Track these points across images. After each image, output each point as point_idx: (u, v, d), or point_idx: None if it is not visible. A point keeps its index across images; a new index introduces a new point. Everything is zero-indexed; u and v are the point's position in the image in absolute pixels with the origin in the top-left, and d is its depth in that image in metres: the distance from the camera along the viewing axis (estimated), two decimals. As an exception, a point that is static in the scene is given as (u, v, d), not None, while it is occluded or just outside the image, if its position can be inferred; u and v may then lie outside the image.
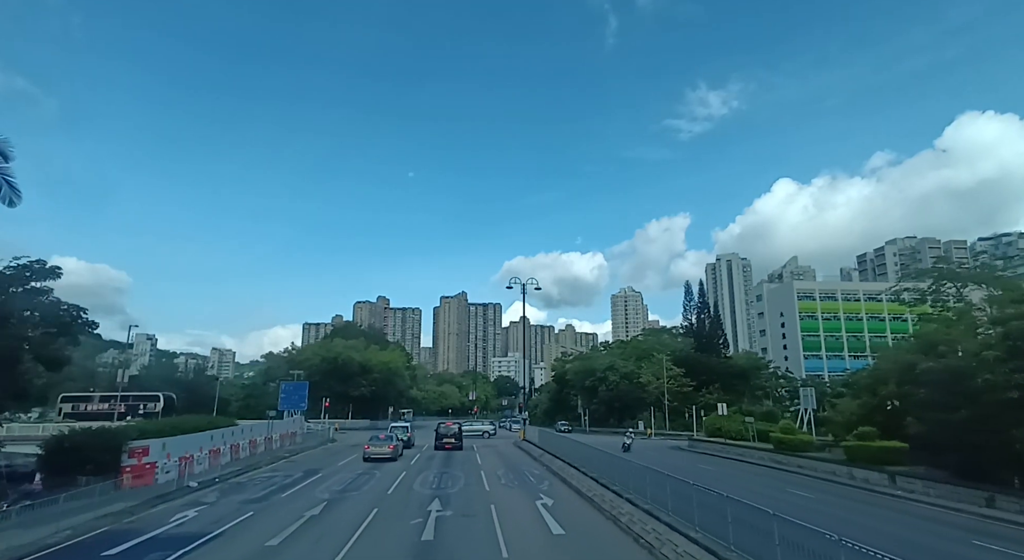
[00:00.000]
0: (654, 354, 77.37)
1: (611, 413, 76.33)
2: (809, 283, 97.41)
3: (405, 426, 40.60)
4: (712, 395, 71.52)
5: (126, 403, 57.35)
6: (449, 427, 39.57)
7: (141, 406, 56.92)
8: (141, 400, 59.95)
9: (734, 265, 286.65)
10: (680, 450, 43.67)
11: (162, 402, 58.60)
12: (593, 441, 44.51)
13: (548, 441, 35.96)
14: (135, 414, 55.39)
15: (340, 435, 57.02)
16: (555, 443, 33.51)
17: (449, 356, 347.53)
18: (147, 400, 60.10)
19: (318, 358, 74.26)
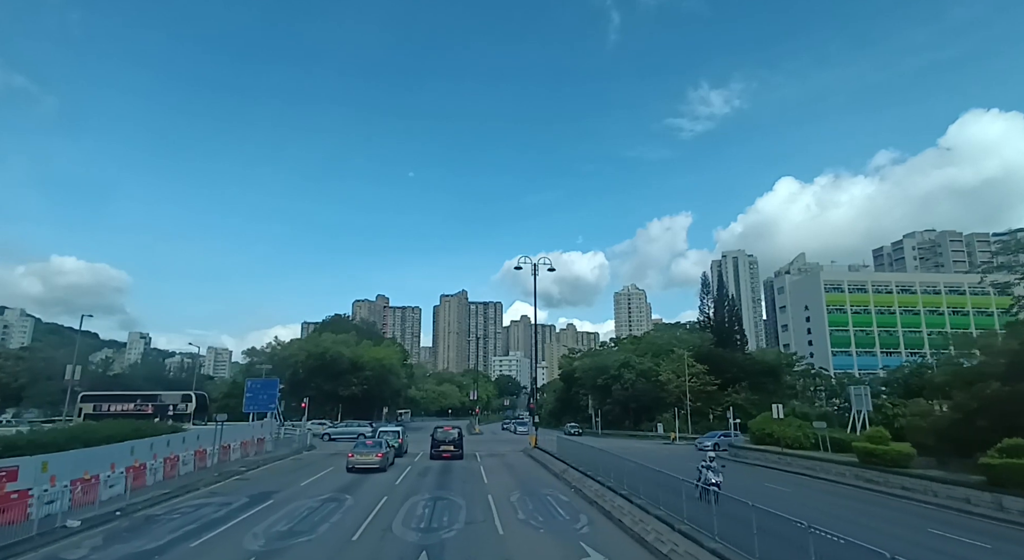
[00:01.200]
0: (673, 350, 70.62)
1: (626, 414, 69.64)
2: (837, 273, 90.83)
3: (396, 430, 33.93)
4: (739, 394, 64.82)
5: (154, 403, 52.25)
6: (447, 432, 32.90)
7: (171, 407, 52.48)
8: (171, 400, 54.76)
9: (741, 262, 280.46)
10: (725, 459, 36.82)
11: (194, 402, 53.20)
12: (618, 448, 37.78)
13: (569, 451, 29.19)
14: (164, 415, 50.30)
15: (326, 441, 50.35)
16: (580, 455, 26.75)
17: (449, 355, 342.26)
18: (177, 400, 54.79)
19: (304, 354, 67.47)
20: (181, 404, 53.67)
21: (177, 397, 55.46)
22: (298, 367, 66.37)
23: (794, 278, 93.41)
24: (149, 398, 54.99)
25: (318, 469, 27.45)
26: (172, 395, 56.53)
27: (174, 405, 53.36)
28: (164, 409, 52.77)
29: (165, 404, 53.73)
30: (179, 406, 53.38)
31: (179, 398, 54.97)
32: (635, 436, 65.81)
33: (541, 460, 30.86)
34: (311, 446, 39.89)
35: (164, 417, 51.66)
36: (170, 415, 51.62)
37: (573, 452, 27.71)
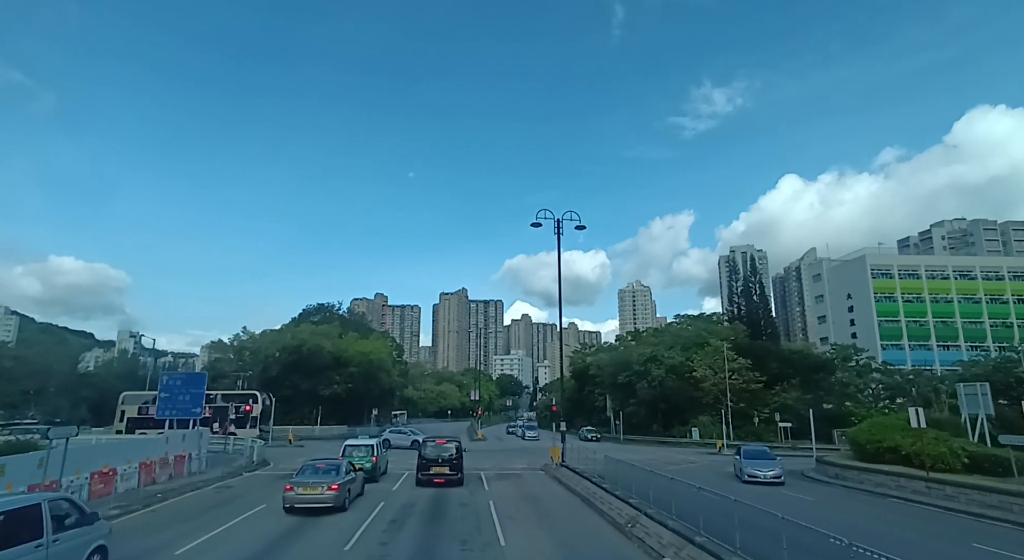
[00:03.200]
0: (706, 342, 60.80)
1: (654, 417, 59.83)
2: (885, 257, 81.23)
3: (369, 444, 24.15)
4: (788, 393, 55.03)
5: (212, 404, 45.01)
6: (440, 447, 23.10)
7: (231, 408, 46.15)
8: (232, 400, 46.50)
9: (749, 258, 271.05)
10: (822, 482, 26.89)
11: (260, 404, 45.36)
12: (665, 463, 28.29)
13: (627, 478, 18.95)
14: (224, 419, 45.22)
15: (289, 451, 40.56)
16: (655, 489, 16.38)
17: (449, 354, 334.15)
18: (240, 400, 46.72)
19: (275, 347, 57.64)
20: (243, 405, 46.01)
21: (239, 397, 47.50)
22: (269, 363, 56.56)
23: (833, 263, 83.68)
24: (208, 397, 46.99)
25: (243, 507, 17.69)
26: (233, 395, 48.39)
27: (236, 406, 45.89)
28: (223, 412, 45.56)
29: (224, 406, 46.11)
30: (242, 408, 45.85)
31: (241, 398, 47.04)
32: (666, 443, 56.00)
33: (579, 490, 20.98)
34: (259, 463, 30.10)
35: (225, 421, 44.93)
36: (232, 418, 45.27)
37: (638, 482, 17.77)
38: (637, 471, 18.49)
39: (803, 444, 52.92)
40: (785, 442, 53.10)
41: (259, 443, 33.42)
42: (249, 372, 57.74)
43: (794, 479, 28.42)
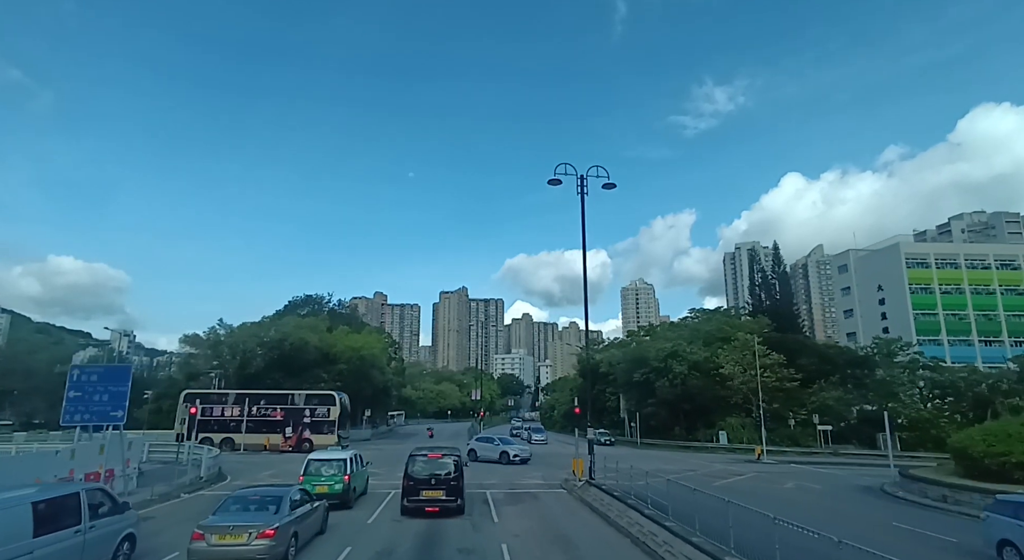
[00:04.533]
0: (731, 338, 54.97)
1: (675, 419, 53.99)
2: (920, 245, 75.50)
3: (341, 459, 18.33)
4: (827, 392, 49.24)
5: (283, 405, 41.61)
6: (434, 463, 17.16)
7: (307, 411, 41.30)
8: (308, 402, 42.25)
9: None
10: (921, 506, 20.74)
11: (337, 406, 41.21)
12: (702, 477, 22.71)
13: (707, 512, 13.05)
14: (298, 421, 40.68)
15: (260, 460, 34.81)
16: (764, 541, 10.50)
17: (449, 354, 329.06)
18: (316, 401, 42.00)
19: (254, 341, 51.76)
20: (321, 407, 40.92)
21: (316, 398, 42.10)
22: (247, 359, 50.76)
23: (860, 253, 77.85)
24: (277, 399, 42.51)
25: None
26: (312, 395, 43.03)
27: (312, 409, 41.16)
28: (299, 414, 41.10)
29: (300, 407, 41.43)
30: (319, 410, 41.08)
31: (318, 399, 41.77)
32: (690, 448, 50.20)
33: (626, 525, 14.97)
34: (211, 478, 24.26)
35: (299, 426, 40.48)
36: (307, 422, 40.65)
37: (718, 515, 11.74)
38: (714, 502, 12.62)
39: (844, 449, 47.19)
40: (825, 447, 47.35)
41: (213, 452, 27.60)
42: (227, 369, 51.90)
43: (874, 498, 22.64)
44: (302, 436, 40.03)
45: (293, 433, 40.27)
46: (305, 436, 39.98)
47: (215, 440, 38.63)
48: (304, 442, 39.33)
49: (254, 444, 39.46)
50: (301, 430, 40.33)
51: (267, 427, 40.75)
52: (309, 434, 40.12)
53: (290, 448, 39.08)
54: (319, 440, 38.80)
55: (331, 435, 39.79)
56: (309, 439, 39.52)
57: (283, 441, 40.02)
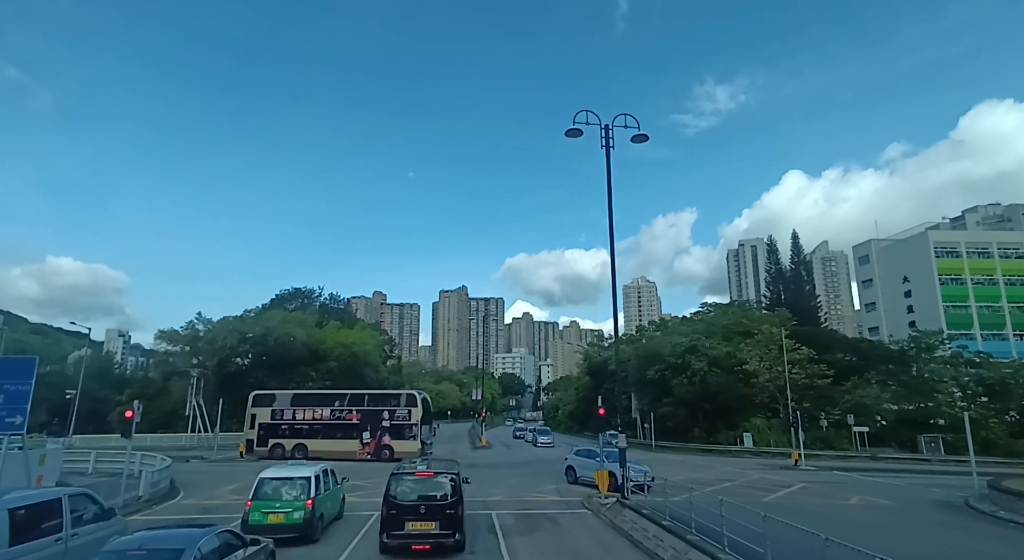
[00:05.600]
0: (752, 331, 50.65)
1: (694, 419, 49.65)
2: (950, 233, 71.28)
3: (303, 478, 13.96)
4: (863, 390, 44.96)
5: (360, 407, 36.20)
6: (424, 482, 12.79)
7: (385, 413, 35.66)
8: (386, 403, 36.64)
9: (760, 251, 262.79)
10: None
11: (419, 406, 35.49)
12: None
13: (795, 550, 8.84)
14: (377, 424, 35.23)
15: (234, 468, 30.60)
16: None
17: (449, 353, 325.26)
18: (395, 402, 36.45)
19: (235, 337, 47.40)
20: (402, 409, 35.69)
21: (395, 399, 37.32)
22: (226, 356, 46.44)
23: (883, 243, 73.57)
24: (352, 399, 37.28)
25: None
26: (388, 395, 38.60)
27: (391, 411, 35.70)
28: (375, 417, 35.54)
29: (378, 409, 35.98)
30: (398, 412, 35.53)
31: (398, 400, 36.79)
32: (712, 451, 45.88)
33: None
34: (156, 496, 19.92)
35: (378, 428, 35.14)
36: (385, 425, 35.11)
37: None
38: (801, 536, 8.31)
39: (883, 453, 42.88)
40: (862, 450, 43.09)
41: (164, 462, 23.36)
42: (206, 368, 47.60)
43: (966, 518, 18.35)
44: (381, 442, 34.90)
45: (371, 438, 35.08)
46: (384, 442, 34.86)
47: (286, 447, 34.77)
48: (383, 449, 34.47)
49: (328, 452, 33.48)
50: (380, 435, 35.14)
51: (342, 432, 35.55)
52: (389, 439, 34.99)
53: (368, 456, 34.16)
54: (400, 447, 33.96)
55: (413, 441, 34.45)
56: (389, 446, 34.54)
57: (360, 448, 34.91)
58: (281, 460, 33.08)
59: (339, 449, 34.14)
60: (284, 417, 36.36)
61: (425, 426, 35.89)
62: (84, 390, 58.63)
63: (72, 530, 9.19)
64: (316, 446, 34.76)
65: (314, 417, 36.23)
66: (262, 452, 34.87)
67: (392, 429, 35.17)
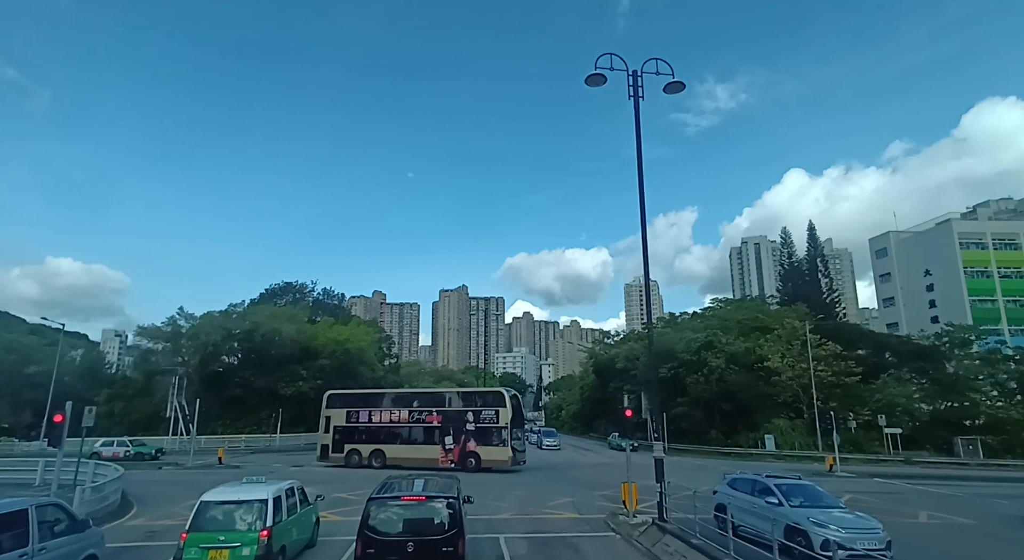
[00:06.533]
0: (775, 325, 47.54)
1: (711, 420, 46.52)
2: (975, 222, 68.21)
3: (260, 500, 10.82)
4: (895, 388, 41.81)
5: (440, 408, 31.95)
6: (413, 508, 9.77)
7: (469, 415, 30.95)
8: (470, 402, 32.06)
9: (763, 248, 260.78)
10: None
11: (508, 407, 30.20)
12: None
13: None
14: (459, 428, 30.61)
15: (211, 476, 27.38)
16: None
17: (449, 353, 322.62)
18: (480, 401, 31.80)
19: (220, 333, 44.21)
20: (487, 410, 30.85)
21: (478, 397, 33.15)
22: (209, 353, 43.30)
23: (902, 236, 70.45)
24: (432, 399, 33.81)
25: None
26: (474, 393, 34.60)
27: (475, 412, 30.98)
28: (459, 418, 31.01)
29: (461, 410, 31.52)
30: (484, 413, 30.74)
31: (482, 398, 32.40)
32: (732, 454, 42.75)
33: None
34: (104, 512, 16.72)
35: (461, 432, 30.55)
36: (469, 429, 30.39)
37: None
38: None
39: (918, 457, 39.69)
40: (894, 453, 39.93)
41: (115, 473, 20.20)
42: (188, 365, 44.48)
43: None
44: (465, 448, 30.35)
45: (455, 444, 30.60)
46: (469, 448, 30.27)
47: (363, 453, 31.53)
48: (468, 457, 30.03)
49: (408, 459, 30.31)
50: (464, 440, 30.60)
51: (423, 436, 31.53)
52: (474, 445, 30.33)
53: (451, 465, 29.80)
54: (488, 454, 29.77)
55: (502, 447, 29.66)
56: (475, 453, 30.09)
57: (442, 455, 30.55)
58: (358, 468, 30.38)
59: (419, 456, 30.44)
60: (360, 419, 32.64)
61: (516, 429, 30.89)
62: (73, 391, 55.66)
63: (39, 544, 8.39)
64: (395, 452, 31.16)
65: (391, 419, 32.32)
66: (337, 459, 31.85)
67: (477, 433, 30.42)
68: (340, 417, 32.86)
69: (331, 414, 33.07)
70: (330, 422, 32.80)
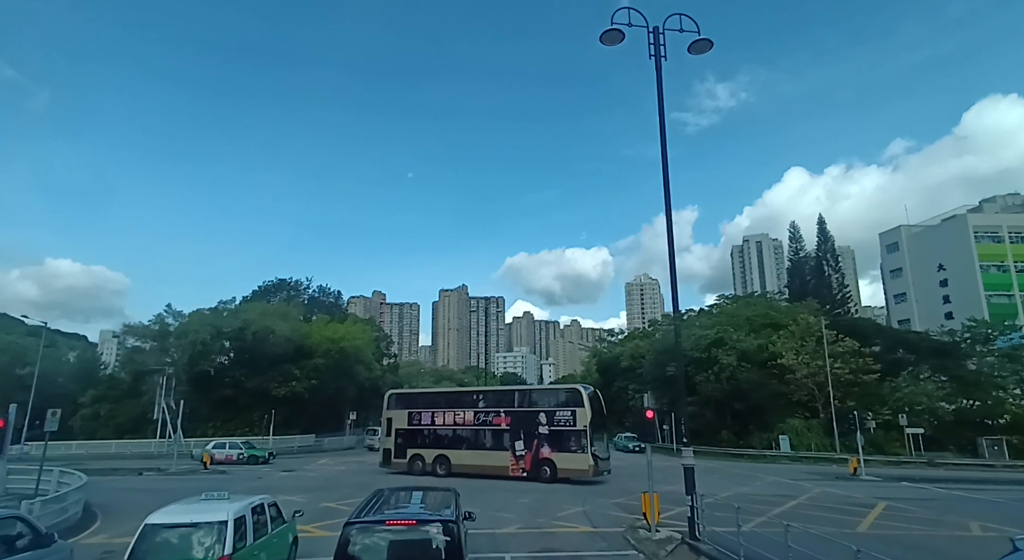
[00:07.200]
0: (787, 321, 45.70)
1: (722, 420, 44.67)
2: (991, 215, 66.39)
3: (219, 522, 8.92)
4: (917, 386, 39.97)
5: (509, 408, 27.72)
6: (404, 536, 7.98)
7: (542, 416, 26.65)
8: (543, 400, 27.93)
9: (765, 247, 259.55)
10: None
11: (585, 405, 25.68)
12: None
13: None
14: (530, 431, 26.49)
15: (191, 482, 25.60)
16: None
17: (449, 353, 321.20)
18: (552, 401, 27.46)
19: (209, 331, 42.37)
20: (562, 410, 26.26)
21: (550, 395, 29.27)
22: (201, 351, 41.46)
23: (914, 229, 68.61)
24: (499, 397, 29.91)
25: None
26: (539, 390, 31.78)
27: (548, 412, 26.57)
28: (529, 420, 26.90)
29: (532, 411, 27.20)
30: (558, 414, 26.24)
31: (555, 396, 28.05)
32: (744, 456, 40.88)
33: None
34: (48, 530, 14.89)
35: (533, 436, 26.44)
36: (542, 432, 26.22)
37: None
38: None
39: (941, 458, 37.84)
40: (916, 454, 38.07)
41: (77, 482, 18.36)
42: (176, 365, 42.60)
43: None
44: (539, 455, 26.28)
45: (526, 449, 26.47)
46: (543, 455, 26.21)
47: (426, 459, 28.48)
48: (542, 465, 26.03)
49: (475, 466, 27.22)
50: (536, 446, 26.49)
51: (492, 440, 27.88)
52: (549, 452, 26.18)
53: (523, 474, 26.21)
54: (565, 463, 25.39)
55: (581, 454, 25.07)
56: (549, 460, 26.00)
57: (512, 462, 26.73)
58: (422, 476, 27.30)
59: (487, 463, 27.21)
60: (422, 421, 29.59)
61: (597, 429, 26.48)
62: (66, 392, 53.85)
63: None
64: (460, 459, 27.96)
65: (455, 421, 29.01)
66: (400, 466, 29.04)
67: (551, 437, 26.18)
68: (402, 419, 29.90)
69: (392, 416, 30.21)
70: (391, 424, 29.98)
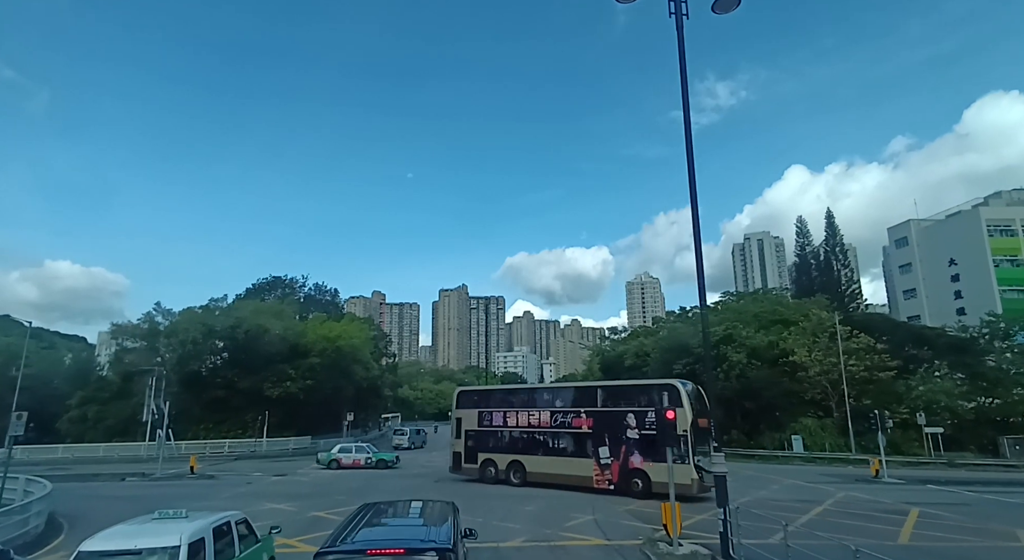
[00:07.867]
0: (798, 317, 44.22)
1: (732, 420, 43.11)
2: (1004, 208, 64.81)
3: (172, 547, 7.41)
4: (936, 384, 38.48)
5: (590, 408, 23.72)
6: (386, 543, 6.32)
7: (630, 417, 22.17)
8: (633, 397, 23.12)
9: (766, 245, 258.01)
10: None
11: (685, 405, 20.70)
12: None
13: None
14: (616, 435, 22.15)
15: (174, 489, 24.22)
16: None
17: (450, 353, 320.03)
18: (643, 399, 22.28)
19: (200, 330, 40.89)
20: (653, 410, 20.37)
21: (640, 392, 23.29)
22: (192, 351, 40.00)
23: (924, 224, 67.14)
24: (580, 395, 25.08)
25: None
26: (627, 387, 25.30)
27: (638, 413, 21.87)
28: (615, 422, 22.50)
29: (619, 411, 22.70)
30: (650, 415, 21.03)
31: (646, 394, 22.65)
32: (755, 457, 39.37)
33: None
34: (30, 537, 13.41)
35: (620, 442, 21.94)
36: (631, 436, 21.76)
37: None
38: None
39: (962, 458, 36.37)
40: (936, 455, 36.59)
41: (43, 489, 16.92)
42: (166, 365, 41.15)
43: None
44: (628, 465, 21.89)
45: (612, 457, 21.21)
46: (633, 465, 21.76)
47: (499, 465, 25.22)
48: (632, 476, 21.68)
49: (554, 475, 23.63)
50: (626, 453, 22.04)
51: (573, 445, 23.77)
52: (640, 461, 21.64)
53: (609, 485, 22.15)
54: (661, 474, 19.08)
55: (681, 464, 19.21)
56: (641, 470, 21.47)
57: (597, 472, 22.55)
58: (495, 484, 24.50)
59: (567, 471, 23.33)
60: (494, 422, 26.23)
61: (701, 437, 20.55)
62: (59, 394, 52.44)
63: None
64: (536, 466, 24.37)
65: (529, 422, 25.17)
66: (471, 471, 26.06)
67: (642, 443, 21.53)
68: (472, 419, 26.72)
69: (462, 415, 27.09)
70: (461, 425, 26.91)
